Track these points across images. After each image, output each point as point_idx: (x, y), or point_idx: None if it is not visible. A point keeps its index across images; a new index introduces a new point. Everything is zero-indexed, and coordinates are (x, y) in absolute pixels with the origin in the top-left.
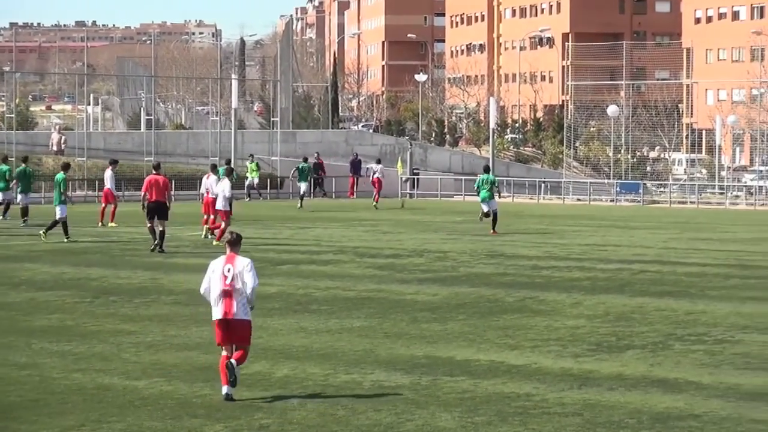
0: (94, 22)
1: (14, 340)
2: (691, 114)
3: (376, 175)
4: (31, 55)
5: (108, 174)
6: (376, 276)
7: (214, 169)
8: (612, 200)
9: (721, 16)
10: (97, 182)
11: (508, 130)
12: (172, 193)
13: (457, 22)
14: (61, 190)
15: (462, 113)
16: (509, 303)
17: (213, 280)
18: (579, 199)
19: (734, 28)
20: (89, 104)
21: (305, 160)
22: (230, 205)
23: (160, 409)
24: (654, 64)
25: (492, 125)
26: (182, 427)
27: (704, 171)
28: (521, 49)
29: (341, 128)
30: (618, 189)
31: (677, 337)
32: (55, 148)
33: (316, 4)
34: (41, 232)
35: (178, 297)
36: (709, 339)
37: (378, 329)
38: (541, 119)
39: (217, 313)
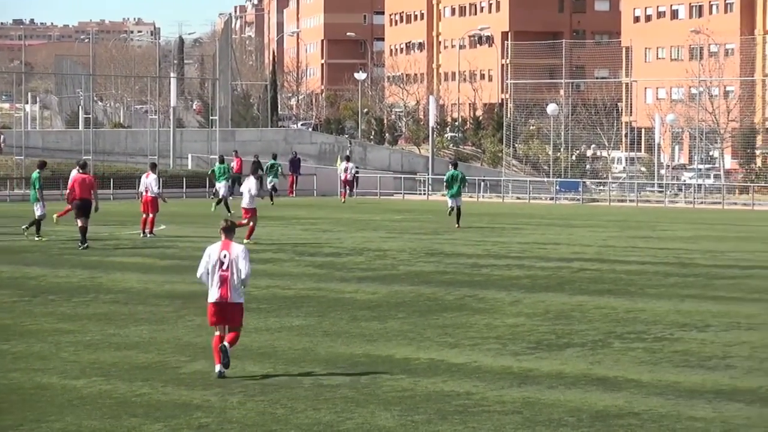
0: (32, 20)
1: None
2: (631, 112)
3: (350, 174)
4: None
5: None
6: (315, 274)
7: (153, 167)
8: (551, 198)
9: (660, 14)
10: None
11: (448, 129)
12: (110, 192)
13: (396, 21)
14: (36, 188)
15: (401, 112)
16: (449, 301)
17: (211, 264)
18: (518, 198)
19: (673, 27)
20: (27, 103)
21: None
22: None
23: (99, 408)
24: (593, 62)
25: (431, 124)
26: (121, 427)
27: (643, 169)
28: (461, 47)
29: (280, 127)
30: (557, 187)
31: (617, 335)
32: None
33: (255, 2)
34: (35, 238)
35: (116, 296)
36: (648, 337)
37: (317, 328)
38: (480, 118)
39: (213, 295)
